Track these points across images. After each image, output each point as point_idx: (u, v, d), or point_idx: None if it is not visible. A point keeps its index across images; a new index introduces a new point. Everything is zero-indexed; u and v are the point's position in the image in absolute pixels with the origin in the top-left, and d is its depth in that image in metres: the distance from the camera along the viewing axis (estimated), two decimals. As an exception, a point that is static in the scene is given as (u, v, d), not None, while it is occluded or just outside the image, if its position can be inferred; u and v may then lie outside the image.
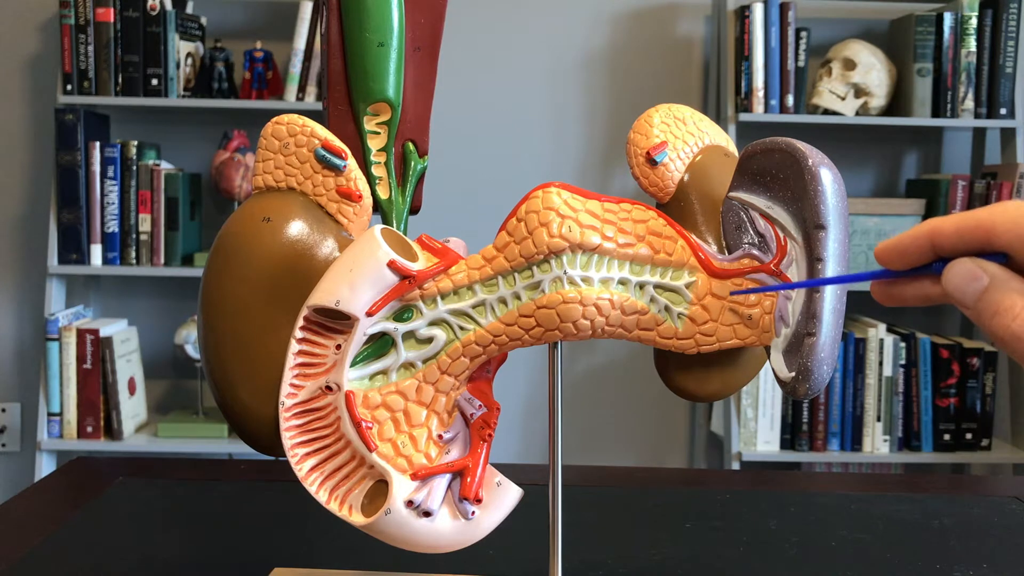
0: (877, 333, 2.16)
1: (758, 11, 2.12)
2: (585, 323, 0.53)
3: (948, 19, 2.14)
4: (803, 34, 2.15)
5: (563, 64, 2.33)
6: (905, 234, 0.39)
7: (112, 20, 2.07)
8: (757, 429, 2.14)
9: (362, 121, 0.59)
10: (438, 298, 0.54)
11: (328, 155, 0.57)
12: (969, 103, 2.16)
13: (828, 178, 0.50)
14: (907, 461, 2.16)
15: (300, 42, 2.12)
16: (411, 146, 0.61)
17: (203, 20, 2.24)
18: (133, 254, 2.13)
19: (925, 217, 2.18)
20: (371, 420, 0.55)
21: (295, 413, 0.55)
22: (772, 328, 0.53)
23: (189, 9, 2.26)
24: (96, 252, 2.11)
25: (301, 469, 0.55)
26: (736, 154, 0.61)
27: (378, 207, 0.60)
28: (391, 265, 0.53)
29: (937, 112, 2.16)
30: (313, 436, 0.55)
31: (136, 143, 2.12)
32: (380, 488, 0.55)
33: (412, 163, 0.60)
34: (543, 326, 0.53)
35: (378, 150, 0.60)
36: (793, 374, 0.50)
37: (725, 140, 0.62)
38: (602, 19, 2.33)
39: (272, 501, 0.84)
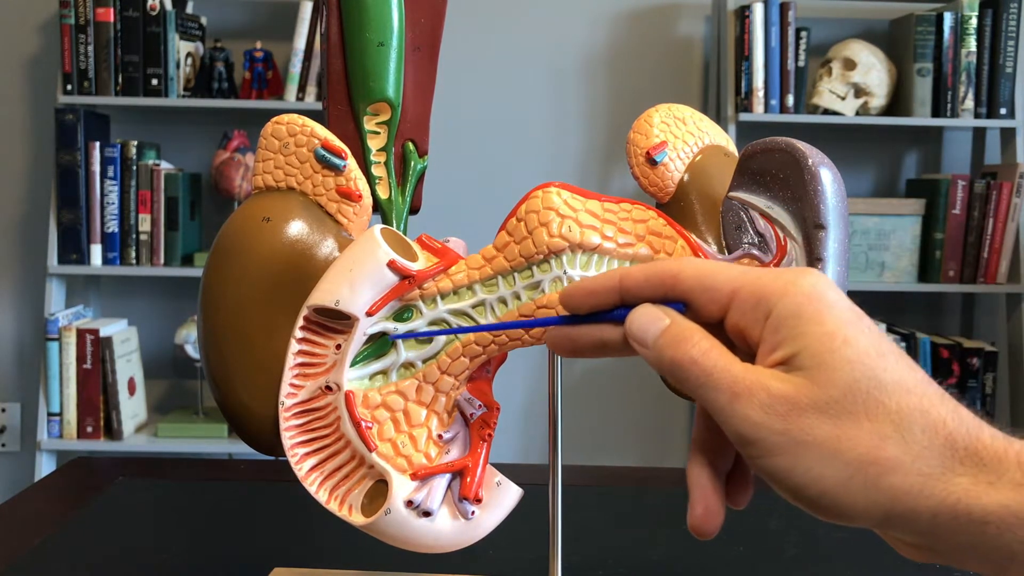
0: (877, 333, 2.16)
1: (758, 11, 2.12)
2: (585, 323, 0.53)
3: (948, 19, 2.14)
4: (803, 34, 2.16)
5: (563, 64, 2.33)
6: (594, 277, 0.41)
7: (112, 20, 2.07)
8: (757, 429, 2.14)
9: (362, 121, 0.59)
10: (438, 298, 0.54)
11: (328, 155, 0.57)
12: (969, 103, 2.16)
13: (828, 178, 0.50)
14: (907, 461, 2.16)
15: (300, 42, 2.12)
16: (411, 146, 0.61)
17: (203, 20, 2.24)
18: (133, 254, 2.13)
19: (925, 217, 2.18)
20: (371, 420, 0.55)
21: (295, 413, 0.55)
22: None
23: (189, 9, 2.26)
24: (96, 252, 2.11)
25: (301, 469, 0.55)
26: (736, 154, 0.61)
27: (378, 207, 0.60)
28: (391, 265, 0.53)
29: (937, 112, 2.16)
30: (313, 436, 0.55)
31: (136, 143, 2.12)
32: (380, 488, 0.55)
33: (412, 163, 0.60)
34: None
35: (378, 150, 0.60)
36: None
37: (725, 140, 0.62)
38: (602, 19, 2.33)
39: (272, 501, 0.84)
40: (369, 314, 0.54)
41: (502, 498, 0.55)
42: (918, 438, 0.34)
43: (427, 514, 0.54)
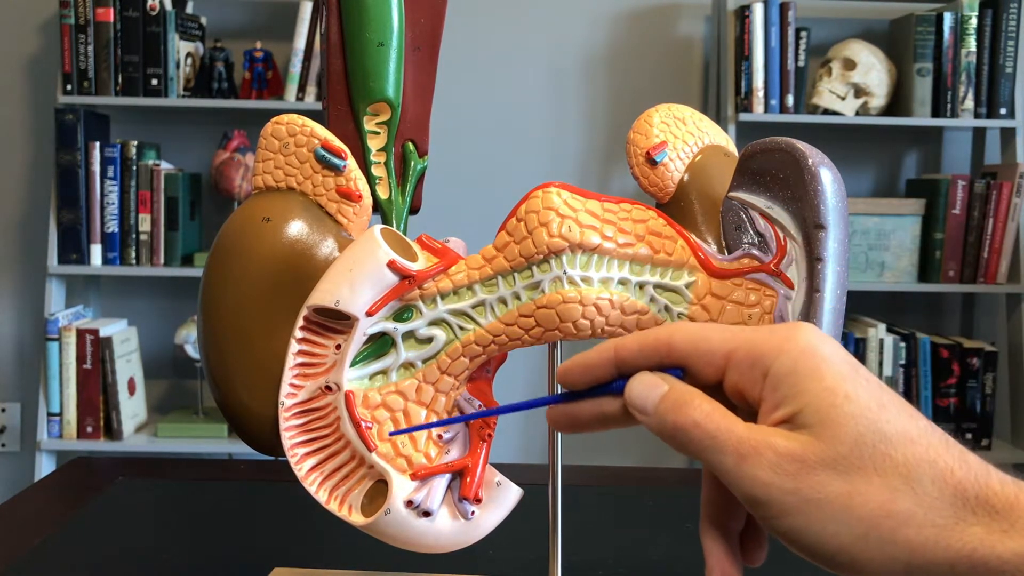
0: (877, 333, 2.16)
1: (758, 11, 2.12)
2: (585, 323, 0.53)
3: (948, 19, 2.14)
4: (803, 34, 2.16)
5: (563, 64, 2.33)
6: (589, 352, 0.41)
7: (112, 20, 2.07)
8: (757, 429, 2.14)
9: (362, 121, 0.59)
10: (438, 298, 0.54)
11: (328, 155, 0.57)
12: (969, 103, 2.16)
13: (828, 178, 0.50)
14: (907, 461, 2.16)
15: (300, 42, 2.12)
16: (411, 146, 0.61)
17: (203, 20, 2.24)
18: (133, 254, 2.13)
19: (925, 217, 2.18)
20: (371, 420, 0.55)
21: (295, 413, 0.55)
22: (772, 328, 0.53)
23: (189, 9, 2.26)
24: (96, 252, 2.11)
25: (301, 469, 0.55)
26: (736, 154, 0.61)
27: (378, 207, 0.60)
28: (391, 265, 0.53)
29: (937, 112, 2.16)
30: (313, 436, 0.55)
31: (136, 143, 2.12)
32: (380, 488, 0.55)
33: (412, 163, 0.60)
34: (543, 326, 0.53)
35: (378, 150, 0.60)
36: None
37: (725, 140, 0.62)
38: (602, 19, 2.33)
39: (272, 501, 0.84)
40: (369, 314, 0.54)
41: (502, 498, 0.55)
42: (928, 489, 0.34)
43: (427, 514, 0.54)
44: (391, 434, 0.54)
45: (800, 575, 0.47)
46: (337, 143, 0.57)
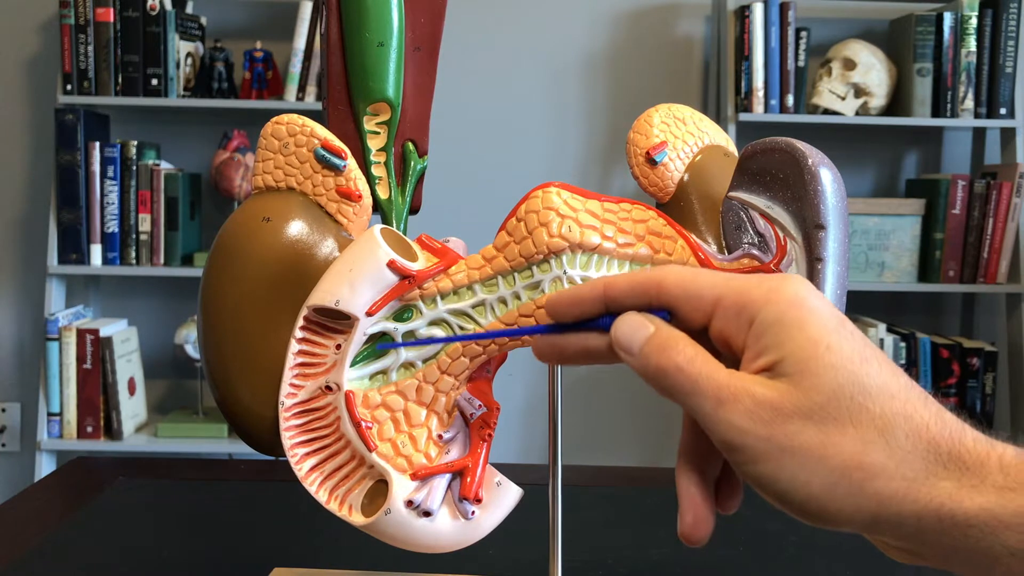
0: (877, 333, 2.16)
1: (758, 11, 2.12)
2: (585, 323, 0.53)
3: (948, 19, 2.14)
4: (803, 34, 2.16)
5: (563, 64, 2.33)
6: (579, 286, 0.41)
7: (112, 20, 2.07)
8: (757, 429, 2.14)
9: (362, 121, 0.59)
10: (438, 298, 0.54)
11: (328, 155, 0.57)
12: (969, 103, 2.16)
13: (828, 178, 0.50)
14: (907, 461, 2.16)
15: (300, 42, 2.12)
16: (411, 146, 0.61)
17: (203, 20, 2.24)
18: (133, 254, 2.13)
19: (925, 217, 2.18)
20: (371, 420, 0.55)
21: (295, 413, 0.55)
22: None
23: (189, 9, 2.26)
24: (96, 252, 2.11)
25: (301, 469, 0.55)
26: (736, 154, 0.61)
27: (378, 207, 0.60)
28: (391, 265, 0.53)
29: (937, 112, 2.16)
30: (313, 436, 0.55)
31: (136, 143, 2.12)
32: (380, 488, 0.55)
33: (412, 163, 0.60)
34: (543, 326, 0.53)
35: (378, 150, 0.60)
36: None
37: (725, 140, 0.62)
38: (602, 19, 2.33)
39: (272, 501, 0.84)
40: (369, 314, 0.54)
41: (502, 498, 0.55)
42: (902, 443, 0.34)
43: (427, 514, 0.54)
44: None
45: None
46: (337, 143, 0.57)
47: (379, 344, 0.55)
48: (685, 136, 0.60)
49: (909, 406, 0.35)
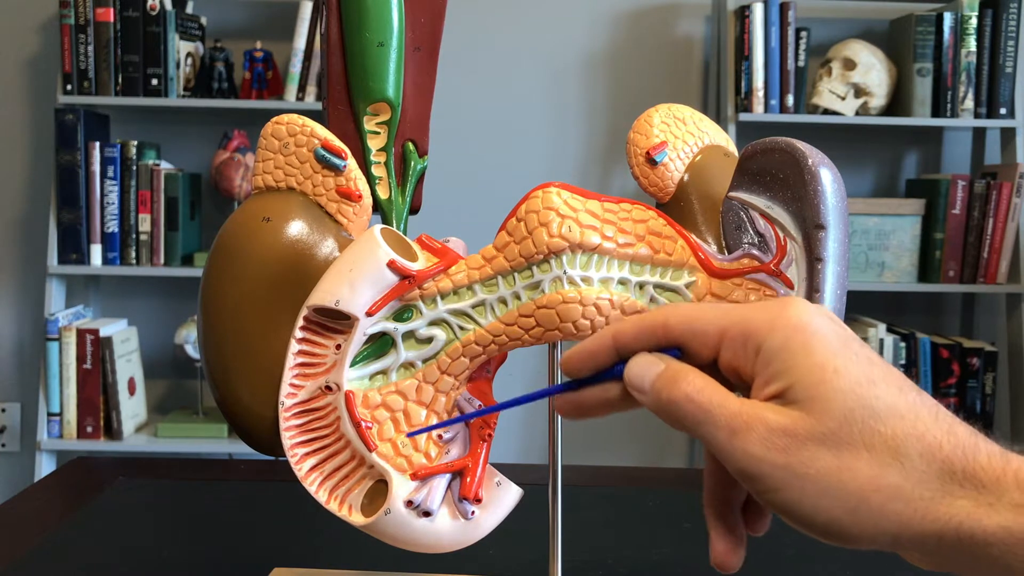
0: (877, 333, 2.16)
1: (758, 11, 2.12)
2: (585, 323, 0.53)
3: (948, 19, 2.14)
4: (803, 34, 2.16)
5: (563, 64, 2.33)
6: (589, 340, 0.42)
7: (112, 20, 2.07)
8: (757, 429, 2.14)
9: (362, 121, 0.59)
10: (438, 298, 0.54)
11: (328, 155, 0.57)
12: (969, 103, 2.16)
13: (828, 178, 0.50)
14: (907, 461, 2.16)
15: (300, 42, 2.12)
16: (411, 146, 0.61)
17: (203, 20, 2.24)
18: (133, 254, 2.13)
19: (925, 217, 2.18)
20: (371, 420, 0.55)
21: (295, 413, 0.55)
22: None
23: (189, 9, 2.26)
24: (96, 252, 2.11)
25: (301, 469, 0.55)
26: (736, 154, 0.61)
27: (378, 207, 0.60)
28: (391, 265, 0.53)
29: (937, 112, 2.16)
30: (313, 436, 0.55)
31: (136, 143, 2.12)
32: (380, 488, 0.55)
33: (412, 163, 0.60)
34: (543, 326, 0.53)
35: (378, 150, 0.60)
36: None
37: (725, 140, 0.62)
38: (602, 19, 2.33)
39: (272, 501, 0.84)
40: (369, 314, 0.54)
41: (502, 498, 0.55)
42: (916, 463, 0.35)
43: (427, 514, 0.54)
44: (409, 435, 0.54)
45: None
46: (337, 143, 0.57)
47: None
48: (685, 136, 0.60)
49: (920, 425, 0.35)
